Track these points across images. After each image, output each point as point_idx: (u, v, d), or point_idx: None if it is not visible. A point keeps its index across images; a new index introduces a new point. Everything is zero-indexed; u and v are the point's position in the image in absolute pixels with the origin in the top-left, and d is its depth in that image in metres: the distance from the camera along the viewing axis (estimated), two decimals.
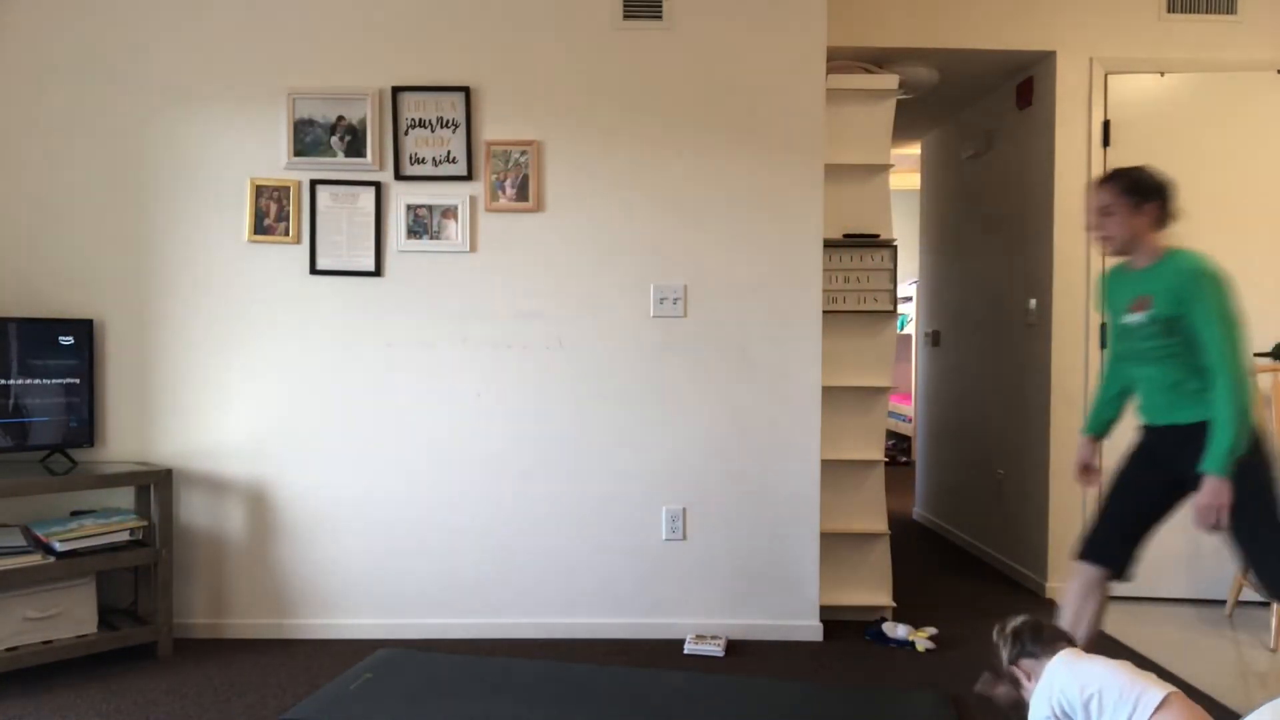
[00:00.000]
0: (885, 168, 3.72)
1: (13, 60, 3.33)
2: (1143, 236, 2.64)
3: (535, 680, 2.92)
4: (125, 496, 3.33)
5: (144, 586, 3.24)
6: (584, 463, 3.41)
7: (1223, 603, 3.83)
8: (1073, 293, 4.03)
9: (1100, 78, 4.00)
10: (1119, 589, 4.00)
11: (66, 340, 3.21)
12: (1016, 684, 2.25)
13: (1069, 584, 2.69)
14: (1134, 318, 2.56)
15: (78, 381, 3.23)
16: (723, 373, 3.42)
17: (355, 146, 3.36)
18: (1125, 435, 2.81)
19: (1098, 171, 4.01)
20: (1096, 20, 3.98)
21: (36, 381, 3.16)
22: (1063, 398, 4.04)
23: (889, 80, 3.70)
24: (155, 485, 3.18)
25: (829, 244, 3.65)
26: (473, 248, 3.40)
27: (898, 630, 3.38)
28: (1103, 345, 4.02)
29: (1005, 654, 2.26)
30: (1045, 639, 2.23)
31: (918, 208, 5.88)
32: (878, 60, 4.05)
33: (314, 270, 3.38)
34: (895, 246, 3.73)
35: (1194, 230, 3.96)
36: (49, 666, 3.01)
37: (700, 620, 3.43)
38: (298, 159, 3.35)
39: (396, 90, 3.36)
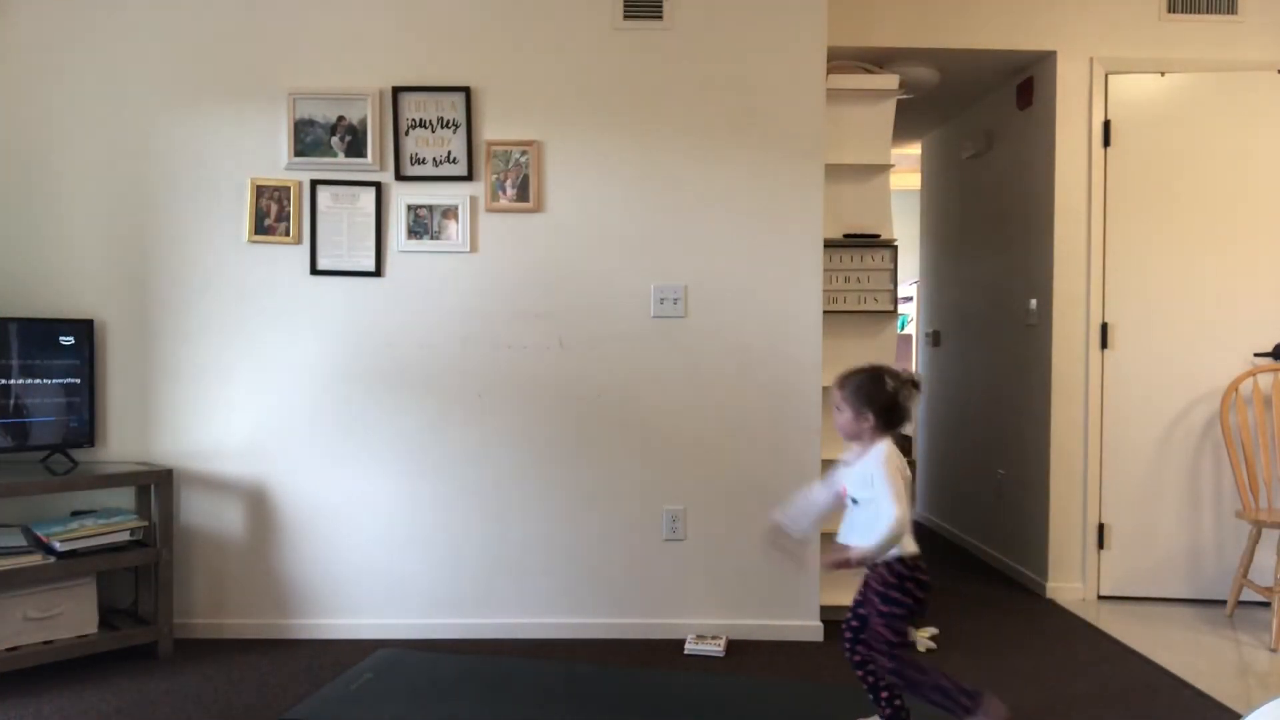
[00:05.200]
0: (885, 168, 3.72)
1: (13, 60, 3.33)
2: None
3: (535, 680, 2.92)
4: (125, 496, 3.33)
5: (144, 587, 3.24)
6: (584, 463, 3.41)
7: (1223, 603, 3.83)
8: (1073, 293, 4.03)
9: (1101, 78, 3.99)
10: (1119, 588, 4.01)
11: (67, 340, 3.21)
12: (842, 409, 2.39)
13: None
14: None
15: (78, 381, 3.23)
16: (723, 373, 3.42)
17: (356, 147, 3.36)
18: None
19: (1099, 171, 4.02)
20: (1097, 20, 3.98)
21: (37, 381, 3.16)
22: (1063, 398, 4.04)
23: (889, 80, 3.70)
24: (156, 485, 3.18)
25: (829, 244, 3.65)
26: (473, 248, 3.40)
27: None
28: (1103, 345, 4.02)
29: (865, 392, 2.37)
30: (896, 419, 2.38)
31: (918, 208, 5.88)
32: (878, 60, 4.04)
33: (314, 270, 3.38)
34: (896, 246, 3.73)
35: (1193, 231, 3.97)
36: (49, 666, 3.00)
37: (700, 620, 3.42)
38: (298, 159, 3.35)
39: (397, 90, 3.36)
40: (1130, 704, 2.85)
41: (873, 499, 2.33)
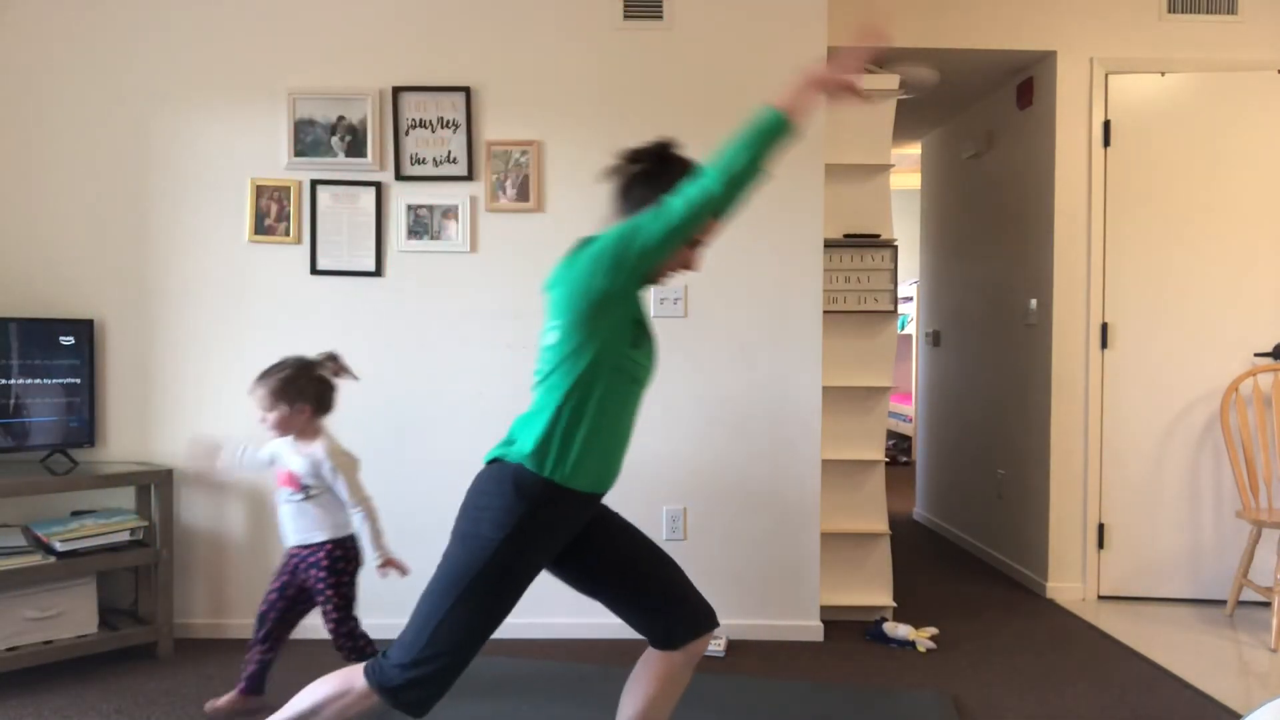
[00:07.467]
0: (885, 168, 3.72)
1: (12, 60, 3.33)
2: None
3: (536, 680, 2.92)
4: (126, 496, 3.32)
5: (144, 587, 3.24)
6: None
7: (1223, 603, 3.83)
8: (1073, 293, 4.03)
9: (1101, 78, 3.99)
10: (1119, 588, 4.01)
11: (67, 340, 3.21)
12: (272, 408, 2.55)
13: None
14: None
15: (78, 381, 3.23)
16: (723, 373, 3.42)
17: (356, 147, 3.36)
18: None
19: (1099, 171, 4.02)
20: (1097, 20, 3.98)
21: (37, 381, 3.16)
22: (1063, 398, 4.04)
23: (889, 80, 3.70)
24: (156, 485, 3.18)
25: (829, 244, 3.65)
26: (473, 248, 3.40)
27: (898, 630, 3.38)
28: (1103, 345, 4.02)
29: (295, 387, 2.55)
30: (329, 403, 2.63)
31: (918, 208, 5.88)
32: (878, 60, 4.04)
33: (314, 270, 3.38)
34: (896, 246, 3.73)
35: (1193, 231, 3.97)
36: (49, 666, 3.00)
37: None
38: (298, 159, 3.35)
39: (397, 90, 3.35)
40: (1130, 704, 2.85)
41: (323, 490, 2.59)
